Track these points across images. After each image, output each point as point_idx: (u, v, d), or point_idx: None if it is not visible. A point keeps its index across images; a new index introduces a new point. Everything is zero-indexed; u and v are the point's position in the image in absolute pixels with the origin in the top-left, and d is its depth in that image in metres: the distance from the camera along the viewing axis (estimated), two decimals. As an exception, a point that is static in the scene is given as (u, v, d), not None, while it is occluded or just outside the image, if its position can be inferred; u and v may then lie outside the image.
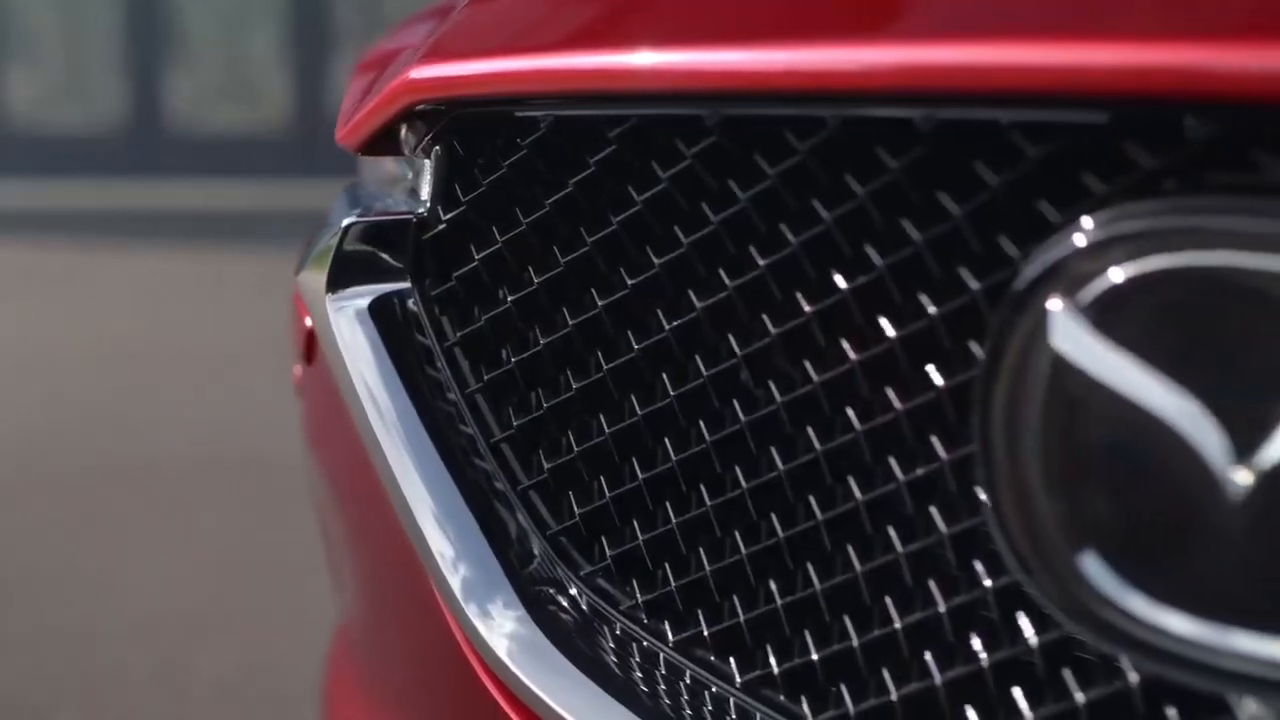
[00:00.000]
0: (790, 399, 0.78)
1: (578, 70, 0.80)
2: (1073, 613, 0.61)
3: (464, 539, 0.94)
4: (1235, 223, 0.55)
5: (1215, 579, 0.57)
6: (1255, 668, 0.56)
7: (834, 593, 0.78)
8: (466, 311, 0.98)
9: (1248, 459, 0.55)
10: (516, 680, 0.87)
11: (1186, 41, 0.56)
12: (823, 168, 0.73)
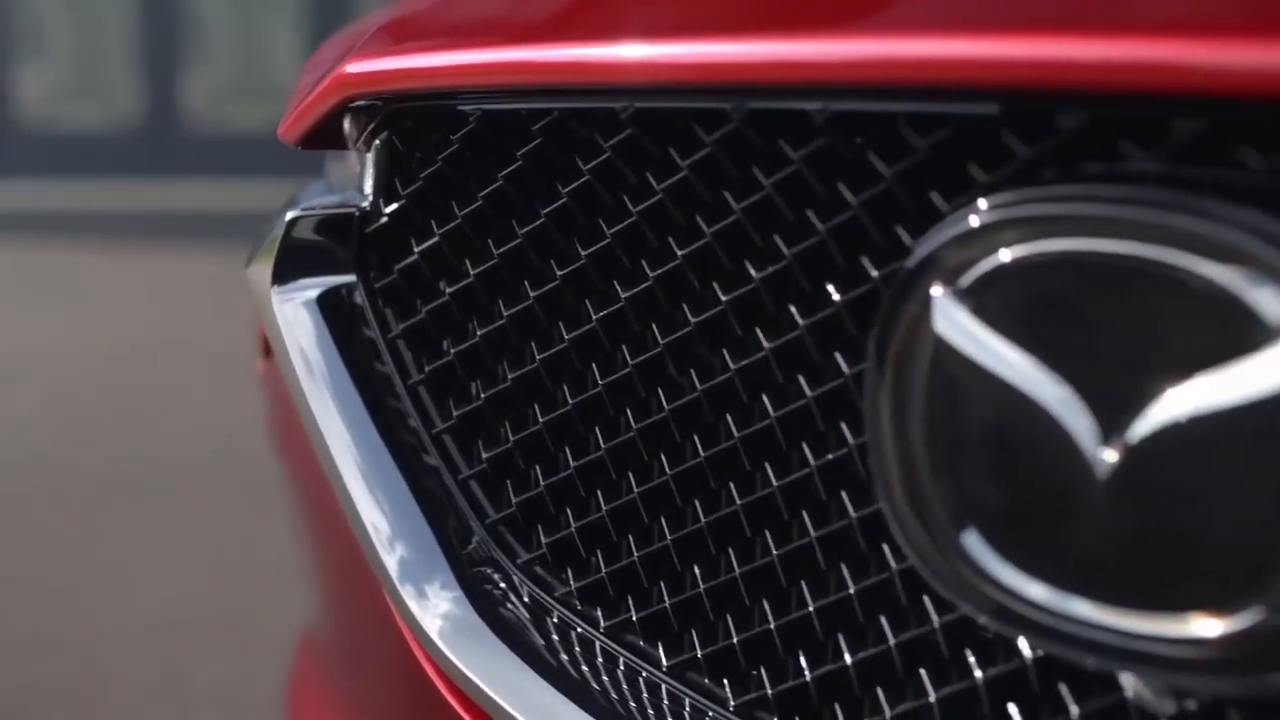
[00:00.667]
0: (709, 386, 0.80)
1: (501, 65, 0.83)
2: (959, 590, 0.64)
3: (405, 523, 0.96)
4: (1100, 210, 0.57)
5: (1087, 556, 0.59)
6: (1123, 640, 0.58)
7: (753, 577, 0.81)
8: (409, 303, 1.01)
9: (1114, 439, 0.57)
10: (448, 661, 0.89)
11: (1059, 37, 0.58)
12: (734, 160, 0.75)
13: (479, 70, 0.84)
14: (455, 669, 0.89)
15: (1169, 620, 0.57)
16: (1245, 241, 0.53)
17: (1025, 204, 0.59)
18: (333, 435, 1.00)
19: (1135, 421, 0.56)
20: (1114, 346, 0.57)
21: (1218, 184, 0.55)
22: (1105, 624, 0.59)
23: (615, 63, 0.75)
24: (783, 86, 0.69)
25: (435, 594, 0.93)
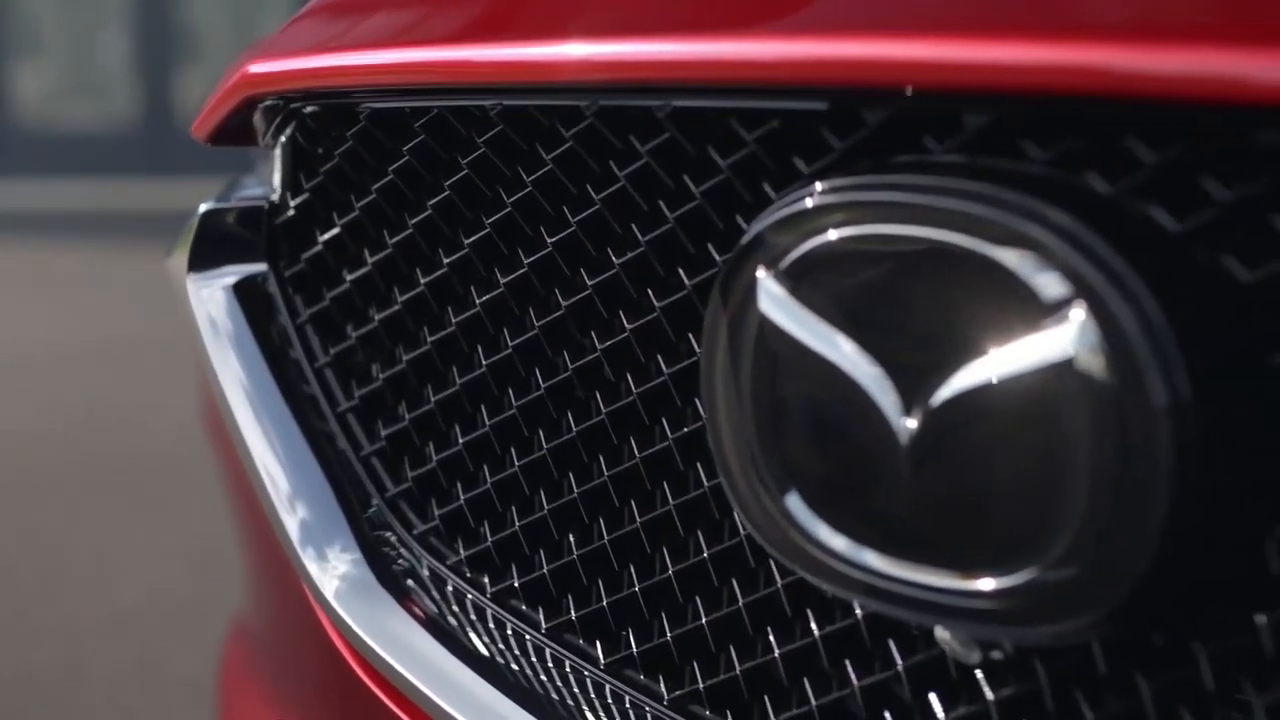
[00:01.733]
0: (579, 365, 0.84)
1: (384, 66, 0.85)
2: (786, 551, 0.67)
3: (310, 492, 0.99)
4: (900, 198, 0.60)
5: (893, 517, 0.62)
6: (925, 594, 0.61)
7: (620, 543, 0.84)
8: (316, 291, 1.04)
9: (915, 410, 0.60)
10: (344, 623, 0.92)
11: (865, 38, 0.61)
12: (592, 155, 0.78)
13: (365, 71, 0.87)
14: (350, 629, 0.92)
15: (959, 576, 0.60)
16: (1028, 228, 0.56)
17: (837, 192, 0.62)
18: (243, 412, 1.03)
19: (933, 393, 0.60)
20: (916, 324, 0.60)
21: (1006, 175, 0.59)
22: (909, 579, 0.62)
23: (481, 64, 0.78)
24: (631, 85, 0.72)
25: (335, 556, 0.96)
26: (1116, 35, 0.53)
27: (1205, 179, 0.55)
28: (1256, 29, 0.50)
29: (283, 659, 1.19)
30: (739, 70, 0.65)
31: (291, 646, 1.14)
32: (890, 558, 0.62)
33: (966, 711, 0.67)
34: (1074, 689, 0.64)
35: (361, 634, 0.91)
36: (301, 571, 0.94)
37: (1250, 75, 0.49)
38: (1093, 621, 0.57)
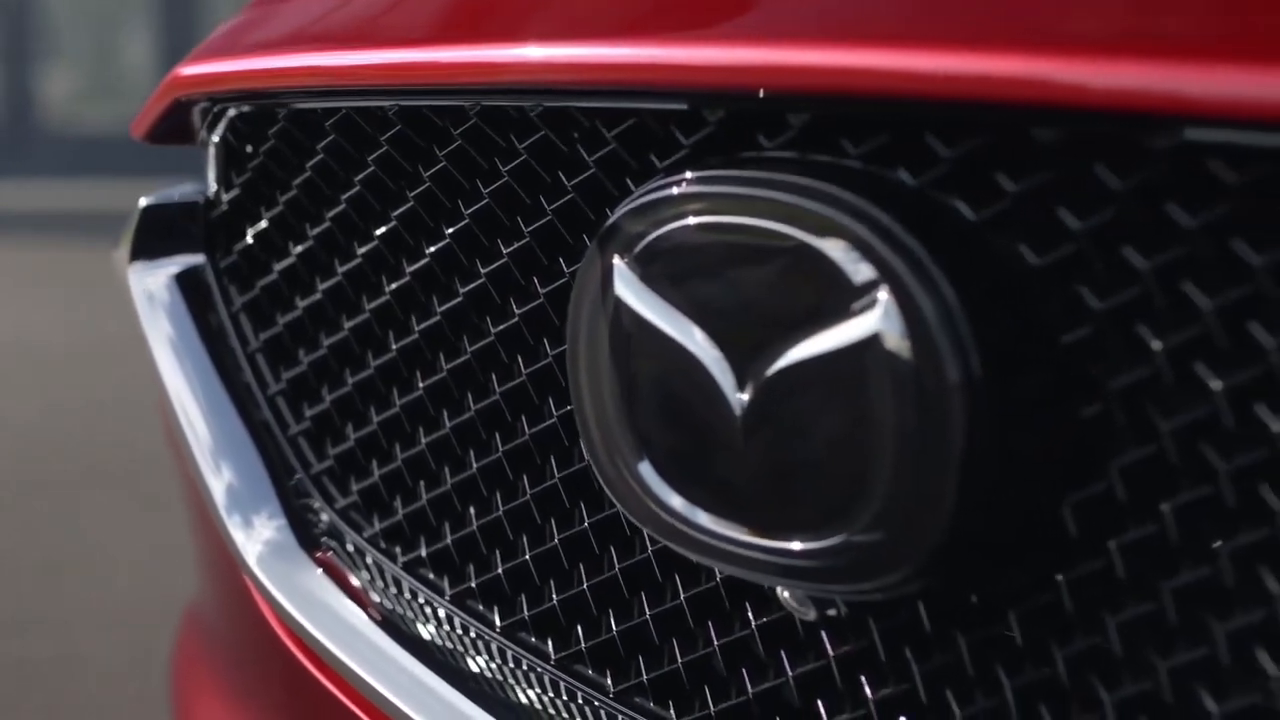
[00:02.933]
0: (479, 347, 0.86)
1: (297, 69, 0.88)
2: (639, 515, 0.70)
3: (241, 465, 1.02)
4: (734, 190, 0.63)
5: (730, 483, 0.65)
6: (757, 554, 0.64)
7: (513, 514, 0.87)
8: (248, 281, 1.06)
9: (746, 385, 0.63)
10: (265, 589, 0.95)
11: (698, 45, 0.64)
12: (481, 152, 0.81)
13: (282, 74, 0.90)
14: (271, 595, 0.95)
15: (784, 537, 0.63)
16: (840, 218, 0.59)
17: (681, 186, 0.65)
18: (181, 394, 1.06)
19: (763, 370, 0.62)
20: (749, 306, 0.63)
21: (826, 169, 0.62)
22: (744, 540, 0.65)
23: (378, 66, 0.81)
24: (508, 87, 0.75)
25: (261, 523, 0.99)
26: (913, 41, 0.56)
27: (997, 172, 0.57)
28: (1034, 35, 0.53)
29: (225, 637, 1.21)
30: (600, 73, 0.68)
31: (231, 622, 1.17)
32: (728, 521, 0.65)
33: (813, 667, 0.70)
34: (903, 645, 0.67)
35: (278, 595, 0.94)
36: (225, 536, 0.97)
37: (1024, 77, 0.52)
38: (898, 580, 0.60)
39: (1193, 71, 0.48)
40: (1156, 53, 0.49)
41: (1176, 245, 0.54)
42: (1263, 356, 0.53)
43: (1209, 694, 0.57)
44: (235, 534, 0.97)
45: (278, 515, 0.99)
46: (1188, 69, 0.48)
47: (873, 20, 0.58)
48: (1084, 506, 0.59)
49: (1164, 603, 0.58)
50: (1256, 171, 0.50)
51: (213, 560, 1.18)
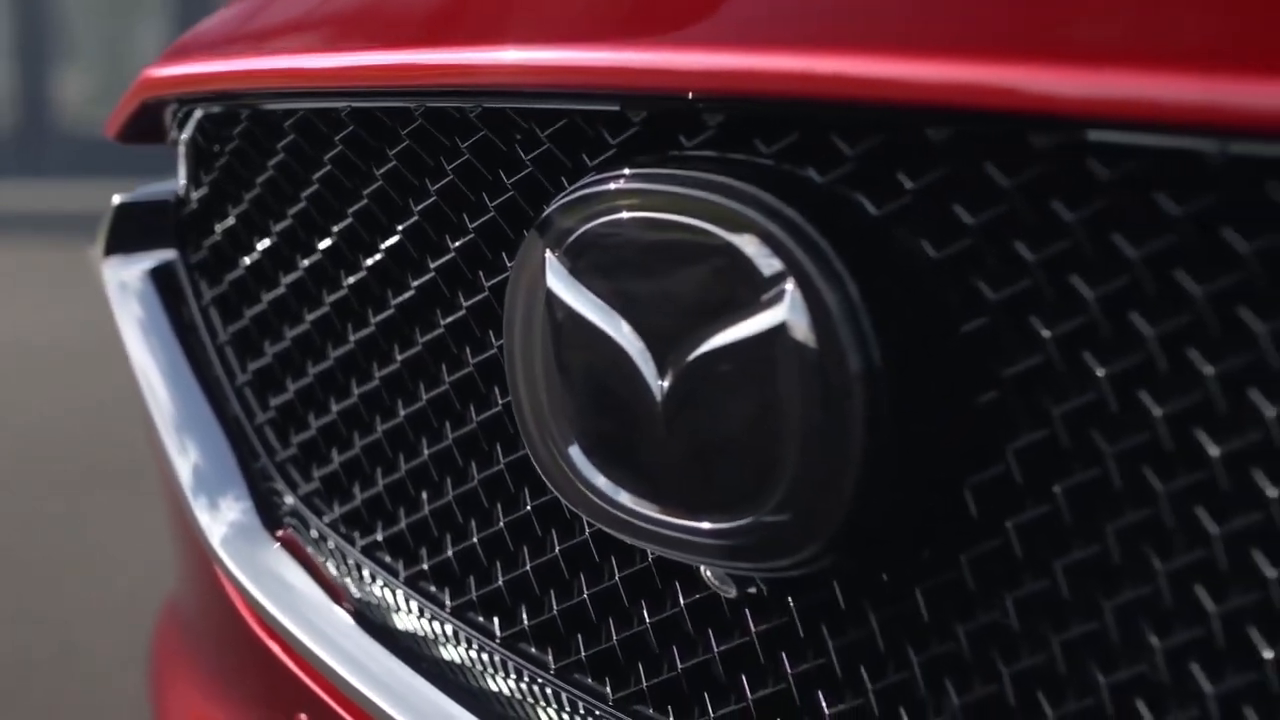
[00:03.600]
0: (429, 339, 0.88)
1: (257, 71, 0.90)
2: (570, 496, 0.71)
3: (209, 449, 1.04)
4: (654, 186, 0.64)
5: (652, 466, 0.67)
6: (679, 534, 0.66)
7: (463, 500, 0.88)
8: (217, 276, 1.08)
9: (666, 372, 0.65)
10: (229, 570, 0.97)
11: (622, 45, 0.66)
12: (428, 152, 0.82)
13: (243, 76, 0.92)
14: (234, 576, 0.97)
15: (701, 517, 0.64)
16: (752, 214, 0.61)
17: (607, 183, 0.67)
18: (152, 382, 1.07)
19: (681, 358, 0.64)
20: (669, 297, 0.65)
21: (741, 167, 0.63)
22: (666, 520, 0.66)
23: (330, 69, 0.83)
24: (449, 89, 0.76)
25: (227, 505, 1.00)
26: (817, 45, 0.57)
27: (897, 170, 0.59)
28: (924, 40, 0.55)
29: (199, 624, 1.23)
30: (530, 76, 0.70)
31: (203, 608, 1.18)
32: (650, 502, 0.67)
33: (737, 643, 0.72)
34: (820, 621, 0.68)
35: (241, 575, 0.95)
36: (191, 519, 0.99)
37: (915, 80, 0.54)
38: (804, 559, 0.61)
39: (1066, 74, 0.49)
40: (1034, 55, 0.51)
41: (1061, 239, 0.55)
42: (1143, 344, 0.55)
43: (1098, 667, 0.59)
44: (201, 516, 0.99)
45: (244, 498, 1.00)
46: (1063, 71, 0.50)
47: (783, 25, 0.60)
48: (982, 488, 0.61)
49: (1057, 580, 0.59)
50: (1129, 168, 0.52)
51: (185, 547, 1.19)
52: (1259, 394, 0.52)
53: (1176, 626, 0.57)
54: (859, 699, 0.67)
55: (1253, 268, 0.51)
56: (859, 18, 0.57)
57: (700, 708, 0.74)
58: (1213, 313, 0.52)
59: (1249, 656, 0.54)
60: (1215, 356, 0.53)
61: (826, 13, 0.59)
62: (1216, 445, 0.53)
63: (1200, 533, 0.55)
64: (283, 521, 1.01)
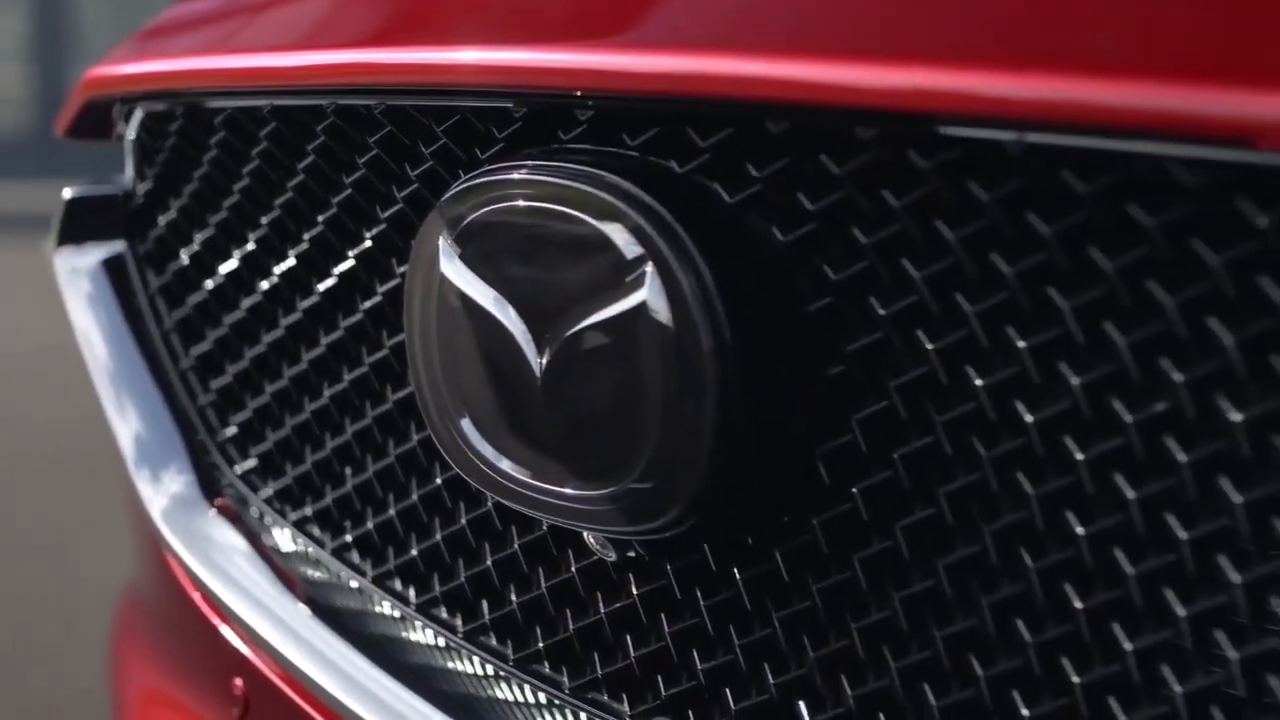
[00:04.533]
0: (349, 324, 0.91)
1: (189, 71, 0.92)
2: (464, 467, 0.74)
3: (155, 430, 1.06)
4: (532, 176, 0.67)
5: (534, 437, 0.69)
6: (560, 501, 0.69)
7: (382, 474, 0.91)
8: (161, 266, 1.10)
9: (544, 349, 0.67)
10: (167, 540, 0.99)
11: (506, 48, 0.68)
12: (342, 147, 0.85)
13: (177, 76, 0.94)
14: (171, 545, 0.99)
15: (576, 485, 0.67)
16: (616, 202, 0.63)
17: (492, 174, 0.69)
18: (101, 365, 1.10)
19: (557, 337, 0.67)
20: (546, 279, 0.67)
21: (607, 159, 0.66)
22: (546, 488, 0.69)
23: (254, 69, 0.85)
24: (360, 88, 0.79)
25: (170, 479, 1.03)
26: (670, 45, 0.60)
27: (748, 161, 0.62)
28: (762, 41, 0.57)
29: (151, 602, 1.25)
30: (421, 74, 0.72)
31: (152, 585, 1.20)
32: (533, 471, 0.69)
33: (621, 604, 0.74)
34: (694, 583, 0.71)
35: (177, 544, 0.98)
36: (134, 492, 1.01)
37: (750, 76, 0.56)
38: (667, 523, 0.64)
39: (882, 72, 0.52)
40: (857, 55, 0.53)
41: (892, 223, 0.58)
42: (966, 321, 0.57)
43: (936, 624, 0.62)
44: (143, 489, 1.01)
45: (186, 471, 1.03)
46: (879, 70, 0.52)
47: (643, 26, 0.62)
48: (831, 457, 0.63)
49: (898, 541, 0.62)
50: (946, 158, 0.55)
51: (136, 525, 1.22)
52: (1067, 366, 0.55)
53: (1004, 584, 0.59)
54: (728, 655, 0.70)
55: (1054, 250, 0.53)
56: (709, 21, 0.59)
57: (590, 664, 0.77)
58: (1024, 291, 0.55)
59: (1065, 610, 0.57)
60: (1030, 332, 0.56)
61: (682, 17, 0.61)
62: (1032, 413, 0.56)
63: (1022, 495, 0.57)
64: (222, 493, 1.04)
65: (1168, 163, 0.49)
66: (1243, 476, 0.50)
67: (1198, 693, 0.53)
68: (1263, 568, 0.50)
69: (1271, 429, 0.49)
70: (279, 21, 0.87)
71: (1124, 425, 0.53)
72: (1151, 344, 0.52)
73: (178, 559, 0.99)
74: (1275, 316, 0.49)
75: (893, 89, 0.52)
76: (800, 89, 0.55)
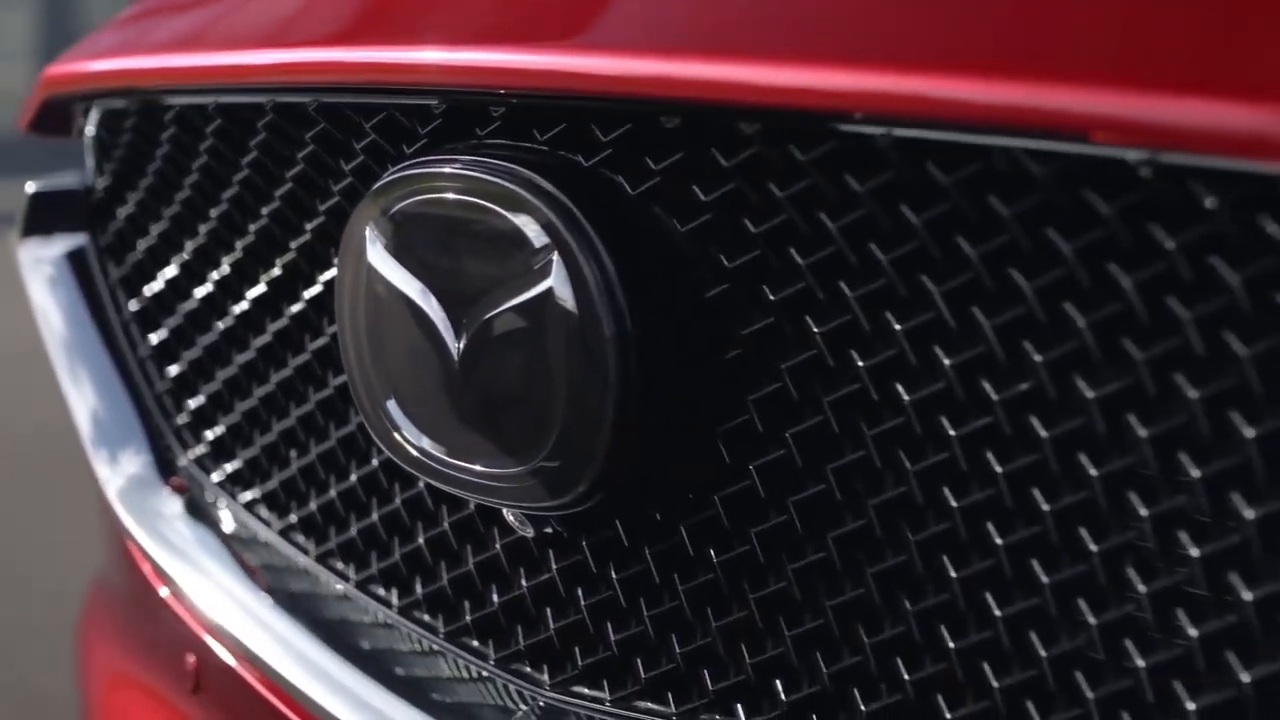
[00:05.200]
0: (293, 313, 0.92)
1: (139, 70, 0.94)
2: (389, 446, 0.76)
3: (115, 414, 1.08)
4: (450, 170, 0.69)
5: (453, 418, 0.71)
6: (478, 479, 0.71)
7: (325, 457, 0.93)
8: (121, 258, 1.12)
9: (461, 334, 0.69)
10: (122, 520, 1.01)
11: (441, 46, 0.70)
12: (281, 143, 0.87)
13: (129, 75, 0.96)
14: (124, 523, 1.01)
15: (492, 463, 0.69)
16: (526, 194, 0.65)
17: (413, 168, 0.71)
18: (63, 353, 1.11)
19: (473, 322, 0.69)
20: (464, 267, 0.70)
21: (521, 153, 0.68)
22: (465, 467, 0.71)
23: (195, 69, 0.87)
24: (297, 85, 0.81)
25: (127, 459, 1.05)
26: (571, 46, 0.62)
27: (647, 155, 0.64)
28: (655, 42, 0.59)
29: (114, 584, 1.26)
30: (350, 73, 0.74)
31: (116, 569, 1.22)
32: (452, 450, 0.71)
33: (538, 581, 0.76)
34: (608, 558, 0.73)
35: (132, 523, 1.00)
36: (92, 472, 1.03)
37: (642, 75, 0.59)
38: (574, 499, 0.66)
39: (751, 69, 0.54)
40: (731, 56, 0.55)
41: (779, 214, 0.60)
42: (849, 307, 0.59)
43: (825, 591, 0.64)
44: (100, 470, 1.03)
45: (143, 452, 1.05)
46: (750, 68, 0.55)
47: (550, 28, 0.64)
48: (730, 436, 0.65)
49: (791, 515, 0.64)
50: (823, 151, 0.57)
51: (99, 508, 1.23)
52: (940, 349, 0.57)
53: (888, 554, 0.62)
54: (639, 627, 0.72)
55: (924, 236, 0.55)
56: (613, 23, 0.61)
57: (514, 637, 0.79)
58: (899, 277, 0.57)
59: (942, 579, 0.59)
60: (906, 316, 0.58)
61: (589, 20, 0.63)
62: (909, 394, 0.58)
63: (902, 470, 0.60)
64: (177, 473, 1.06)
65: (1019, 155, 0.51)
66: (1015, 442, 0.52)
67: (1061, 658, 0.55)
68: (1121, 538, 0.53)
69: (1126, 409, 0.52)
70: (228, 21, 0.89)
71: (991, 403, 0.55)
72: (1015, 327, 0.54)
73: (131, 537, 1.01)
74: (1123, 300, 0.51)
75: (772, 87, 0.54)
76: (687, 87, 0.57)
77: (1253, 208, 0.47)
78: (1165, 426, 0.51)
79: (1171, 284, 0.50)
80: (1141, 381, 0.51)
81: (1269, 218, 0.47)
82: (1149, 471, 0.51)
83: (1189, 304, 0.49)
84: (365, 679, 0.85)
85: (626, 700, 0.73)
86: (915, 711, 0.61)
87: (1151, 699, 0.52)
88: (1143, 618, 0.52)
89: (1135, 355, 0.51)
